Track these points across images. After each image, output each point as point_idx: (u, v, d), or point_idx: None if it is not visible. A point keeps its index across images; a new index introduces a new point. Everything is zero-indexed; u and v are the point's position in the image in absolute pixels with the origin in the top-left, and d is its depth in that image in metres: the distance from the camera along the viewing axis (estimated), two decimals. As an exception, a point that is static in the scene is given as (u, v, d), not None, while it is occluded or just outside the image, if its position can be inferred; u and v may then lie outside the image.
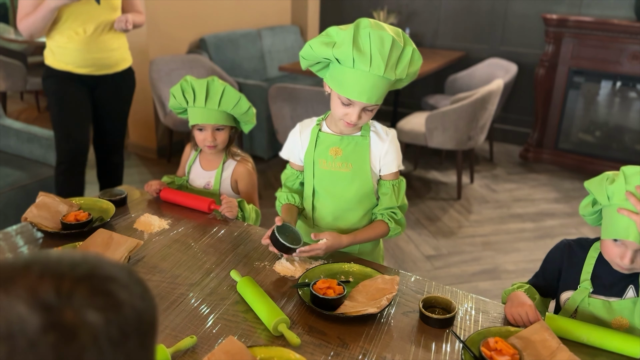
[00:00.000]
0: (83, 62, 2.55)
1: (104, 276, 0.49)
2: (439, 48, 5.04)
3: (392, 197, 1.54)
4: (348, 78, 1.34)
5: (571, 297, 1.32)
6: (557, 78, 4.30)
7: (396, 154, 1.52)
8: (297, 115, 3.39)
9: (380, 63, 1.29)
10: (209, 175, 1.90)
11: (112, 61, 2.64)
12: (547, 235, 3.28)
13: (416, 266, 2.91)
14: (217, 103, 1.74)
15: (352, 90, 1.34)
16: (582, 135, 4.42)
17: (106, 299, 0.48)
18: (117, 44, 2.64)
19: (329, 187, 1.55)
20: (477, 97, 3.42)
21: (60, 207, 1.68)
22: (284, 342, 1.16)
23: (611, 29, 3.93)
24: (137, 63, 4.05)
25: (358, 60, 1.29)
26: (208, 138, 1.80)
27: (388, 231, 1.55)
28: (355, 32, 1.30)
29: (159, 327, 1.20)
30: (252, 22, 4.91)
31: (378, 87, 1.34)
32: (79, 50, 2.52)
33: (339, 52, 1.31)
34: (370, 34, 1.29)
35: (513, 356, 1.08)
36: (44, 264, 0.48)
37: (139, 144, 4.40)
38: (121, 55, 2.69)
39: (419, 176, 4.13)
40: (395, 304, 1.32)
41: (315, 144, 1.54)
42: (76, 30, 2.48)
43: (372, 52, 1.29)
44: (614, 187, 1.20)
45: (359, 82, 1.33)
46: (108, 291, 0.48)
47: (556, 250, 1.41)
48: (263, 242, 1.47)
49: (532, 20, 4.55)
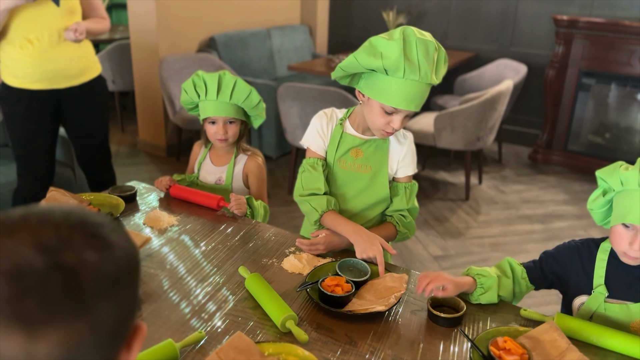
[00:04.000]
0: (41, 76, 2.26)
1: (94, 223, 0.55)
2: (448, 48, 5.01)
3: (402, 199, 1.54)
4: (394, 87, 1.33)
5: (586, 303, 1.29)
6: (567, 79, 4.27)
7: (412, 158, 1.53)
8: (306, 115, 3.39)
9: (428, 71, 1.31)
10: (220, 170, 1.91)
11: (74, 72, 2.34)
12: (556, 237, 3.26)
13: (424, 266, 2.91)
14: (228, 96, 1.76)
15: (401, 99, 1.33)
16: (591, 137, 4.40)
17: (100, 241, 0.53)
18: (80, 52, 2.34)
19: (345, 187, 1.55)
20: (487, 98, 3.41)
21: (71, 203, 1.69)
22: (292, 338, 1.16)
23: (622, 30, 3.90)
24: (147, 62, 4.09)
25: (409, 70, 1.29)
26: (220, 131, 1.82)
27: (396, 234, 1.55)
28: (404, 43, 1.29)
29: (169, 321, 1.20)
30: (262, 21, 4.92)
31: (424, 94, 1.36)
32: (34, 62, 2.23)
33: (389, 63, 1.29)
34: (417, 44, 1.29)
35: (522, 356, 1.07)
36: (39, 215, 0.53)
37: (148, 142, 4.42)
38: (85, 64, 2.39)
39: (427, 176, 4.12)
40: (404, 303, 1.32)
41: (337, 144, 1.53)
42: (28, 39, 2.19)
43: (420, 61, 1.29)
44: (629, 173, 1.18)
45: (407, 91, 1.32)
46: (100, 235, 0.54)
47: (565, 250, 1.37)
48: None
49: (542, 21, 4.53)
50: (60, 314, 0.48)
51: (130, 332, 0.57)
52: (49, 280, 0.48)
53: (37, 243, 0.50)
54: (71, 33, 2.23)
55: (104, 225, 0.56)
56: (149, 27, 3.99)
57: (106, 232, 0.55)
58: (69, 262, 0.50)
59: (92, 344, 0.51)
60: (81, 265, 0.51)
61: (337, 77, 1.46)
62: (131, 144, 4.56)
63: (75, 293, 0.50)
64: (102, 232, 0.55)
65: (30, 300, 0.47)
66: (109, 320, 0.52)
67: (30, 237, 0.50)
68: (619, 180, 1.21)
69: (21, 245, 0.50)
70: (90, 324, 0.50)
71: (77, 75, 2.36)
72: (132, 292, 0.57)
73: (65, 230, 0.52)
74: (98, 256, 0.52)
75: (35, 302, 0.48)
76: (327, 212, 1.50)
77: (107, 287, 0.52)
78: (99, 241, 0.54)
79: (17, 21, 2.17)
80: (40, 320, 0.48)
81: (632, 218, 1.18)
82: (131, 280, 0.57)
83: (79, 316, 0.49)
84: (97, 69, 2.48)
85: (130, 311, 0.56)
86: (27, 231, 0.51)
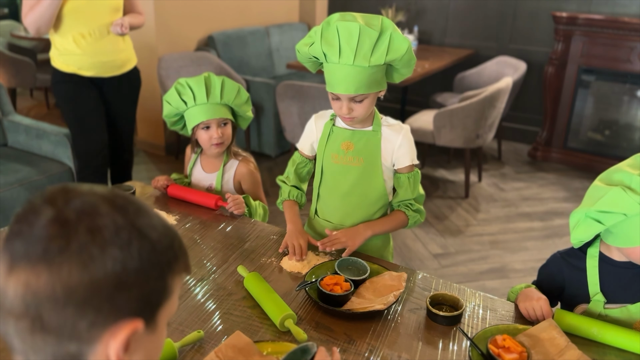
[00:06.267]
0: (91, 66, 2.55)
1: (104, 198, 0.61)
2: (447, 46, 5.02)
3: (407, 190, 1.55)
4: (329, 72, 1.39)
5: (586, 311, 1.28)
6: (567, 76, 4.27)
7: (409, 148, 1.52)
8: (305, 113, 3.39)
9: (349, 53, 1.31)
10: (211, 177, 1.86)
11: (118, 63, 2.64)
12: (556, 235, 3.26)
13: (423, 264, 2.90)
14: (218, 96, 1.72)
15: (333, 83, 1.38)
16: (591, 134, 4.39)
17: (145, 217, 0.62)
18: (123, 45, 2.64)
19: (339, 181, 1.55)
20: (486, 95, 3.40)
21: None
22: (291, 337, 1.16)
23: (622, 27, 3.89)
24: (146, 60, 4.08)
25: (329, 53, 1.34)
26: (215, 135, 1.76)
27: (407, 220, 1.56)
28: (324, 28, 1.34)
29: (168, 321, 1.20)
30: (260, 19, 4.91)
31: (355, 77, 1.35)
32: (86, 54, 2.52)
33: (313, 49, 1.37)
34: (338, 27, 1.31)
35: (521, 354, 1.07)
36: (108, 200, 0.60)
37: (147, 141, 4.42)
38: (127, 57, 2.69)
39: (426, 174, 4.12)
40: (403, 301, 1.31)
41: (327, 138, 1.54)
42: (82, 34, 2.47)
43: (341, 44, 1.31)
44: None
45: (336, 75, 1.36)
46: (145, 211, 0.62)
47: (553, 264, 1.36)
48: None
49: (541, 18, 4.52)
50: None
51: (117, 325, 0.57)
52: (122, 240, 0.58)
53: (116, 212, 0.59)
54: (118, 27, 2.50)
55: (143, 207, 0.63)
56: (147, 26, 3.97)
57: (143, 210, 0.62)
58: (139, 225, 0.59)
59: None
60: (142, 229, 0.59)
61: (312, 69, 1.50)
62: (130, 143, 4.55)
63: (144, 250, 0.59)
64: (143, 210, 0.62)
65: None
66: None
67: (110, 216, 0.58)
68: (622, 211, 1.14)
69: (109, 218, 0.58)
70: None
71: (120, 66, 2.65)
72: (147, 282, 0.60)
73: (132, 207, 0.61)
74: (149, 223, 0.61)
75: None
76: (286, 201, 1.65)
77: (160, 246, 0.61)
78: (145, 217, 0.61)
79: (70, 17, 2.44)
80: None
81: None
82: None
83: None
84: (135, 60, 2.77)
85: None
86: (107, 211, 0.59)
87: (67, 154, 2.87)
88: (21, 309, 0.55)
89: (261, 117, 4.10)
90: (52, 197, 0.57)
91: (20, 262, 0.55)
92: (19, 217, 0.57)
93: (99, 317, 0.56)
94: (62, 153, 2.87)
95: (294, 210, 1.62)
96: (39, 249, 0.54)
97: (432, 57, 4.45)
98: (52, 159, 2.90)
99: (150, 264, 0.59)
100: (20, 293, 0.54)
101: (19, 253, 0.55)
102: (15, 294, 0.55)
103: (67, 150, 2.85)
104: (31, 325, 0.55)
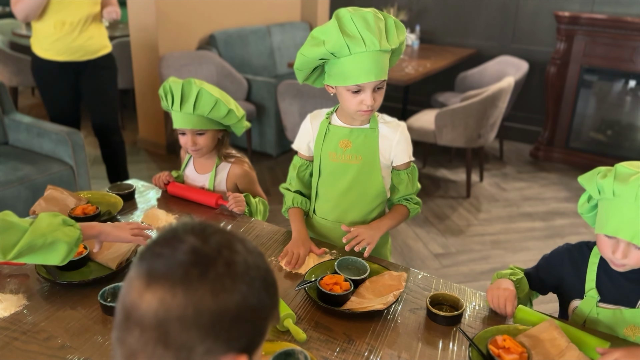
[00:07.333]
0: (68, 50, 2.83)
1: (237, 238, 0.67)
2: (449, 45, 5.01)
3: (407, 185, 1.56)
4: (349, 66, 1.35)
5: (578, 307, 1.28)
6: (569, 76, 4.26)
7: (407, 144, 1.53)
8: (306, 112, 3.35)
9: (373, 38, 1.31)
10: (204, 178, 1.84)
11: (95, 48, 2.93)
12: (557, 235, 3.25)
13: (424, 264, 2.90)
14: (191, 107, 1.65)
15: (358, 74, 1.36)
16: (593, 134, 4.38)
17: (265, 262, 0.68)
18: (98, 32, 2.94)
19: (338, 179, 1.55)
20: (488, 95, 3.39)
21: (68, 201, 1.69)
22: (290, 337, 1.15)
23: (624, 26, 3.88)
24: (147, 59, 4.08)
25: (352, 44, 1.32)
26: (188, 142, 1.73)
27: (408, 213, 1.59)
28: (339, 22, 1.33)
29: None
30: (262, 18, 4.90)
31: (379, 62, 1.36)
32: (64, 39, 2.79)
33: (331, 45, 1.33)
34: (353, 17, 1.32)
35: (521, 355, 1.06)
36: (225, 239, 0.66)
37: (148, 140, 4.42)
38: (102, 43, 2.98)
39: (428, 174, 4.11)
40: (403, 301, 1.31)
41: (324, 137, 1.54)
42: (63, 21, 2.75)
43: (361, 32, 1.31)
44: (604, 181, 1.16)
45: (361, 65, 1.34)
46: (264, 258, 0.69)
47: (556, 255, 1.37)
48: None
49: (543, 18, 4.51)
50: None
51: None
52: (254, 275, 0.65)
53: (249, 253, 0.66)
54: (114, 14, 2.87)
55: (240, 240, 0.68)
56: (148, 25, 3.98)
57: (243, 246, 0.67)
58: (244, 263, 0.64)
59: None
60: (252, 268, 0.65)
61: (302, 79, 1.50)
62: (131, 142, 4.55)
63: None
64: (240, 247, 0.67)
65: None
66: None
67: (244, 255, 0.65)
68: (597, 188, 1.19)
69: (242, 256, 0.65)
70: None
71: (94, 52, 2.94)
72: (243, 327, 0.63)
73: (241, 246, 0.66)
74: (256, 260, 0.67)
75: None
76: (291, 209, 1.63)
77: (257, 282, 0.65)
78: (255, 254, 0.67)
79: (54, 6, 2.72)
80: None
81: (610, 229, 1.16)
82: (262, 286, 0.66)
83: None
84: (109, 47, 3.05)
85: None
86: (241, 250, 0.65)
87: (68, 153, 2.87)
88: (151, 322, 0.59)
89: (262, 116, 4.10)
90: (195, 229, 0.64)
91: (159, 280, 0.60)
92: (161, 241, 0.63)
93: (215, 344, 0.60)
94: (63, 152, 2.87)
95: (298, 218, 1.60)
96: (180, 272, 0.60)
97: (433, 57, 4.44)
98: (52, 157, 2.90)
99: (261, 305, 0.64)
100: (153, 307, 0.59)
101: (159, 272, 0.60)
102: (148, 308, 0.59)
103: (68, 149, 2.85)
104: (156, 338, 0.59)
